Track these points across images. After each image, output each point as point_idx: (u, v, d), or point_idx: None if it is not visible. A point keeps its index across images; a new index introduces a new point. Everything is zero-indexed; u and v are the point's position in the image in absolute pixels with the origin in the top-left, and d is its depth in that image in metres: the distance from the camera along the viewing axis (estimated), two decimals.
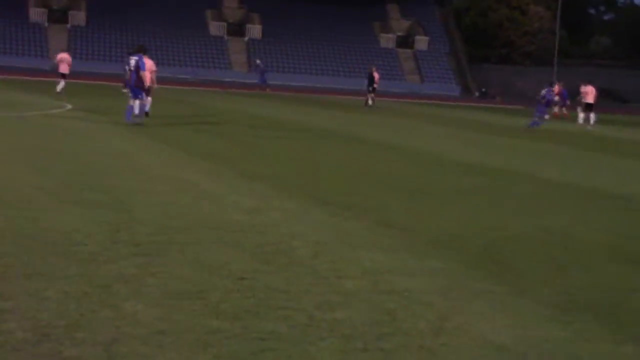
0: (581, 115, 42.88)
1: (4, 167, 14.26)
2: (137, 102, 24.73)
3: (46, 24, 78.54)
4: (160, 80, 29.94)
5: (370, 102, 49.26)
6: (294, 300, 7.29)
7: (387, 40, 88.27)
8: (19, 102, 32.09)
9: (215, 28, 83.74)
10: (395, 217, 11.83)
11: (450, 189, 15.36)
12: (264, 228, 10.31)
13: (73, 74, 44.77)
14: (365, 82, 51.78)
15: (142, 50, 26.23)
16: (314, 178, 15.69)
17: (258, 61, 72.64)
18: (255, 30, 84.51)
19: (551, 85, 45.99)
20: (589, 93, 43.08)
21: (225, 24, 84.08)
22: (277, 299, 7.27)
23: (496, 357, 6.09)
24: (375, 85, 50.22)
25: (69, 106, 30.89)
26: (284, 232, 10.19)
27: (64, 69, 40.65)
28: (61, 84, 39.13)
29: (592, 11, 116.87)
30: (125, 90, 39.13)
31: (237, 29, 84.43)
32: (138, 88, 24.92)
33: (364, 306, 7.22)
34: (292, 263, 8.63)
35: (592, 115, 42.40)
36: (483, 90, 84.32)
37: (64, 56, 42.51)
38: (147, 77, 25.11)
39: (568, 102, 48.26)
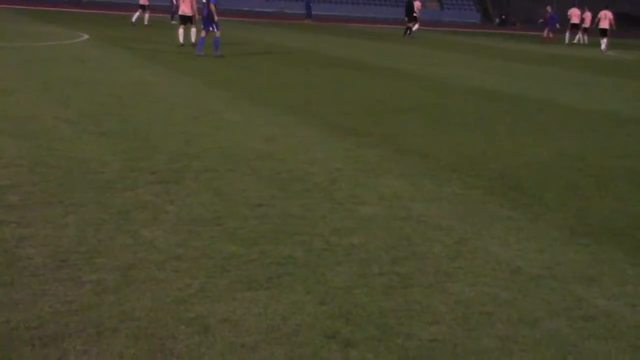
0: (603, 41, 43.88)
1: (23, 97, 14.28)
2: (205, 33, 25.43)
3: None
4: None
5: (410, 31, 48.29)
6: (311, 225, 7.32)
7: None
8: (36, 32, 31.98)
9: None
10: (413, 143, 11.81)
11: (469, 116, 15.27)
12: (281, 155, 10.31)
13: (90, 4, 44.67)
14: (404, 11, 50.79)
15: None
16: (332, 106, 15.62)
17: None
18: None
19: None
20: (605, 18, 44.33)
21: None
22: (294, 225, 7.31)
23: (511, 279, 6.11)
24: (415, 15, 49.00)
25: (86, 36, 30.80)
26: (302, 159, 10.19)
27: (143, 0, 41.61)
28: (136, 15, 40.44)
29: None
30: (174, 22, 39.22)
31: None
32: (209, 20, 25.34)
33: (380, 231, 7.24)
34: (309, 189, 8.64)
35: (605, 40, 43.36)
36: (503, 17, 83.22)
37: None
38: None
39: (557, 26, 49.97)
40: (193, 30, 27.99)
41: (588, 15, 49.03)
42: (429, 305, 5.53)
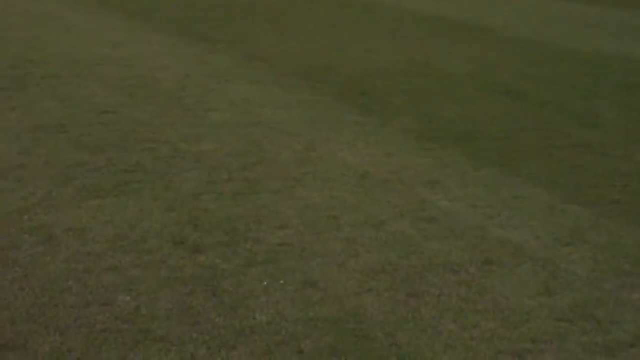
0: None
1: None
2: None
3: None
4: None
5: None
6: (159, 132, 7.22)
7: None
8: None
9: None
10: (265, 50, 11.72)
11: (319, 23, 15.25)
12: (129, 61, 10.07)
13: None
14: None
15: None
16: (182, 12, 15.30)
17: None
18: None
19: None
20: None
21: None
22: (142, 132, 7.19)
23: (358, 184, 6.21)
24: None
25: None
26: (150, 65, 9.99)
27: None
28: None
29: None
30: None
31: None
32: None
33: (230, 138, 7.21)
34: (158, 96, 8.50)
35: None
36: None
37: None
38: None
39: None
40: None
41: None
42: (277, 210, 5.57)
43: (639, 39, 15.56)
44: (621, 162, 7.21)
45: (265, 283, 4.47)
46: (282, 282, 4.49)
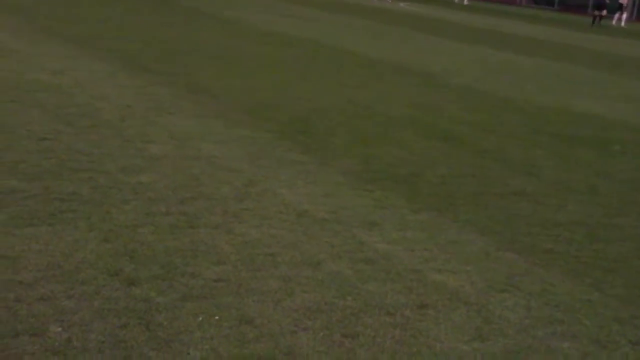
0: None
1: None
2: None
3: None
4: None
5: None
6: (98, 162, 7.14)
7: None
8: None
9: None
10: (207, 84, 11.72)
11: (264, 60, 15.31)
12: (69, 89, 9.98)
13: None
14: None
15: None
16: (125, 42, 15.23)
17: None
18: None
19: None
20: None
21: None
22: (80, 161, 7.10)
23: (297, 222, 6.21)
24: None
25: None
26: (90, 94, 9.90)
27: None
28: None
29: None
30: None
31: None
32: None
33: (168, 170, 7.16)
34: (97, 125, 8.42)
35: None
36: None
37: None
38: None
39: None
40: None
41: None
42: (214, 245, 5.53)
43: (575, 91, 15.91)
44: (555, 211, 7.33)
45: (200, 318, 4.42)
46: (217, 317, 4.45)
